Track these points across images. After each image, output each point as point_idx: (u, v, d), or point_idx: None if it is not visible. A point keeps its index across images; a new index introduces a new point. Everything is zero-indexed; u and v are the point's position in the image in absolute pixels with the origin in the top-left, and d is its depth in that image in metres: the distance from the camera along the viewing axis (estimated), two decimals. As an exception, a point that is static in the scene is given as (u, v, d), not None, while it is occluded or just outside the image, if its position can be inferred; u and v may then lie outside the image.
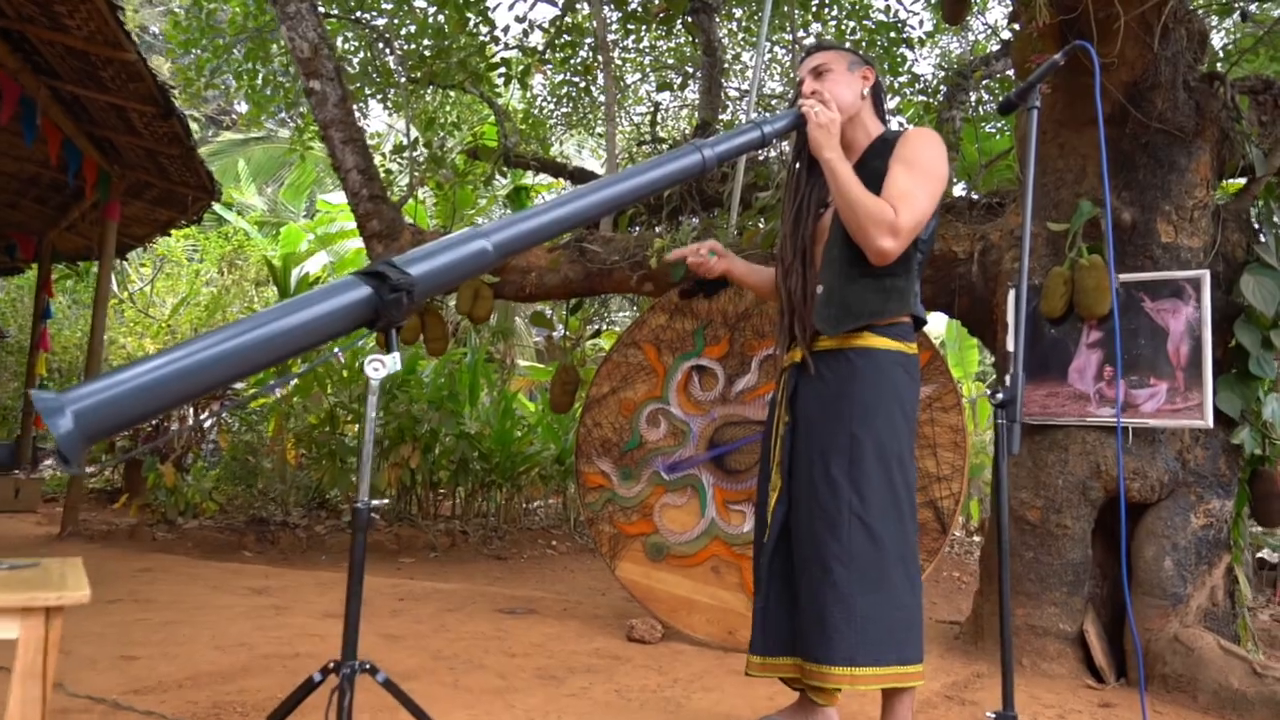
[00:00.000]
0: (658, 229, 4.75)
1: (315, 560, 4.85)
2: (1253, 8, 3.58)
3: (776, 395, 1.94)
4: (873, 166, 1.82)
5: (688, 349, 3.32)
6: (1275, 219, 2.83)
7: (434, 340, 3.94)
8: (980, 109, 5.64)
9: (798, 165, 1.95)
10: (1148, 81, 2.78)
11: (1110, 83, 2.78)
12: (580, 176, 6.30)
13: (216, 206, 12.81)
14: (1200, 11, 3.03)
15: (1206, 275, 2.64)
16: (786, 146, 3.89)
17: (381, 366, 1.33)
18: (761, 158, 5.21)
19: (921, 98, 5.76)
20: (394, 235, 3.76)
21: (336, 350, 1.38)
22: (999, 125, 6.20)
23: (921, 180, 1.74)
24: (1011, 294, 2.94)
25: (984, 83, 5.73)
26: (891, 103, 6.42)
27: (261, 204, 13.11)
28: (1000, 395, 1.58)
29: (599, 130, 9.14)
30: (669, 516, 3.27)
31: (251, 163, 13.13)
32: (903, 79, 6.28)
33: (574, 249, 3.54)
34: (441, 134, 7.95)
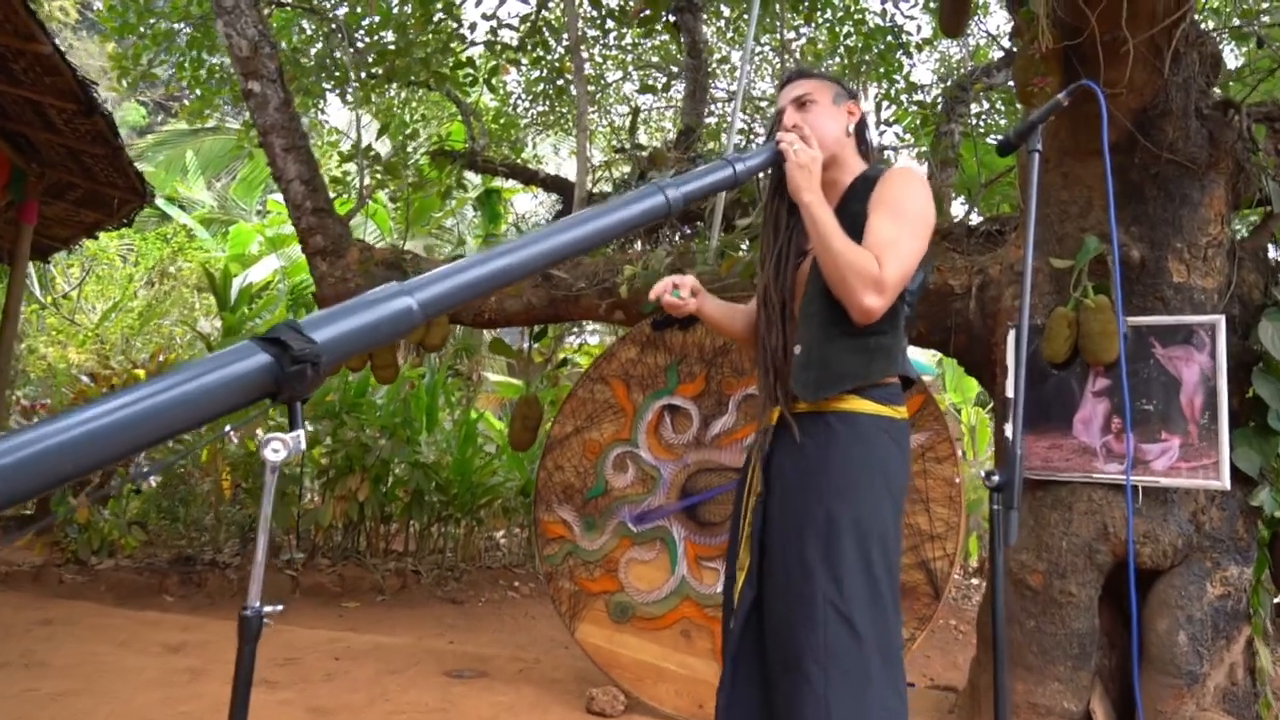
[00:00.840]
0: (634, 246, 4.67)
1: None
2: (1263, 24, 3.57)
3: (750, 461, 1.85)
4: (853, 210, 1.74)
5: (659, 386, 3.26)
6: (1295, 259, 2.79)
7: (382, 368, 3.83)
8: (981, 122, 5.64)
9: (776, 203, 1.88)
10: (1157, 109, 2.74)
11: (1118, 109, 2.74)
12: (554, 185, 6.22)
13: (160, 201, 12.63)
14: (1214, 34, 2.99)
15: (1221, 321, 2.59)
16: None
17: (282, 448, 1.22)
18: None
19: (917, 108, 5.74)
20: (340, 252, 3.66)
21: (228, 429, 1.28)
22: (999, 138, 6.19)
23: (907, 228, 1.66)
24: (1011, 336, 2.88)
25: (984, 93, 5.73)
26: (888, 111, 6.41)
27: (210, 199, 12.90)
28: (996, 478, 1.50)
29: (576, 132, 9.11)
30: (636, 573, 3.18)
31: (201, 154, 12.90)
32: (899, 85, 6.27)
33: (538, 274, 3.46)
34: (405, 133, 7.88)
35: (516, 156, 7.37)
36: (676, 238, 5.66)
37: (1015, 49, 2.90)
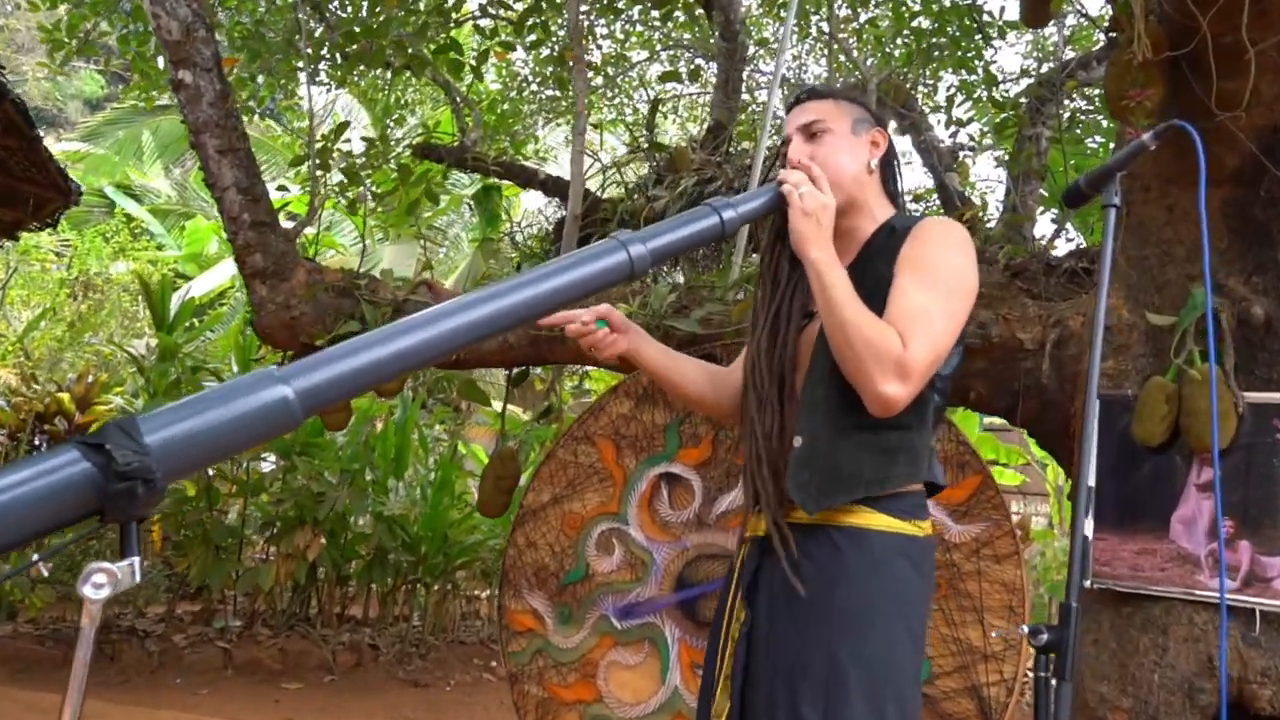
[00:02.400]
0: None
1: (165, 683, 4.61)
2: None
3: (733, 575, 1.72)
4: (875, 271, 1.61)
5: (657, 450, 3.14)
6: None
7: (331, 412, 3.73)
8: (1076, 125, 5.46)
9: (776, 250, 1.75)
10: (1291, 129, 2.57)
11: (1239, 129, 2.56)
12: (556, 188, 6.13)
13: (109, 190, 12.78)
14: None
15: (1365, 402, 2.41)
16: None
17: (107, 582, 1.08)
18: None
19: (995, 107, 5.57)
20: (283, 274, 3.58)
21: (37, 559, 1.16)
22: (1099, 141, 6.00)
23: (941, 296, 1.54)
24: (1095, 407, 2.70)
25: (1079, 90, 5.55)
26: (962, 108, 6.24)
27: (168, 188, 13.04)
28: (1045, 636, 1.33)
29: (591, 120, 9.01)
30: (618, 679, 3.05)
31: (159, 134, 13.01)
32: (979, 76, 6.10)
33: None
34: (390, 120, 7.85)
35: (518, 151, 7.30)
36: (679, 277, 5.53)
37: (1110, 57, 2.75)
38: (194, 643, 5.11)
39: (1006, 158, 5.48)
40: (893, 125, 6.58)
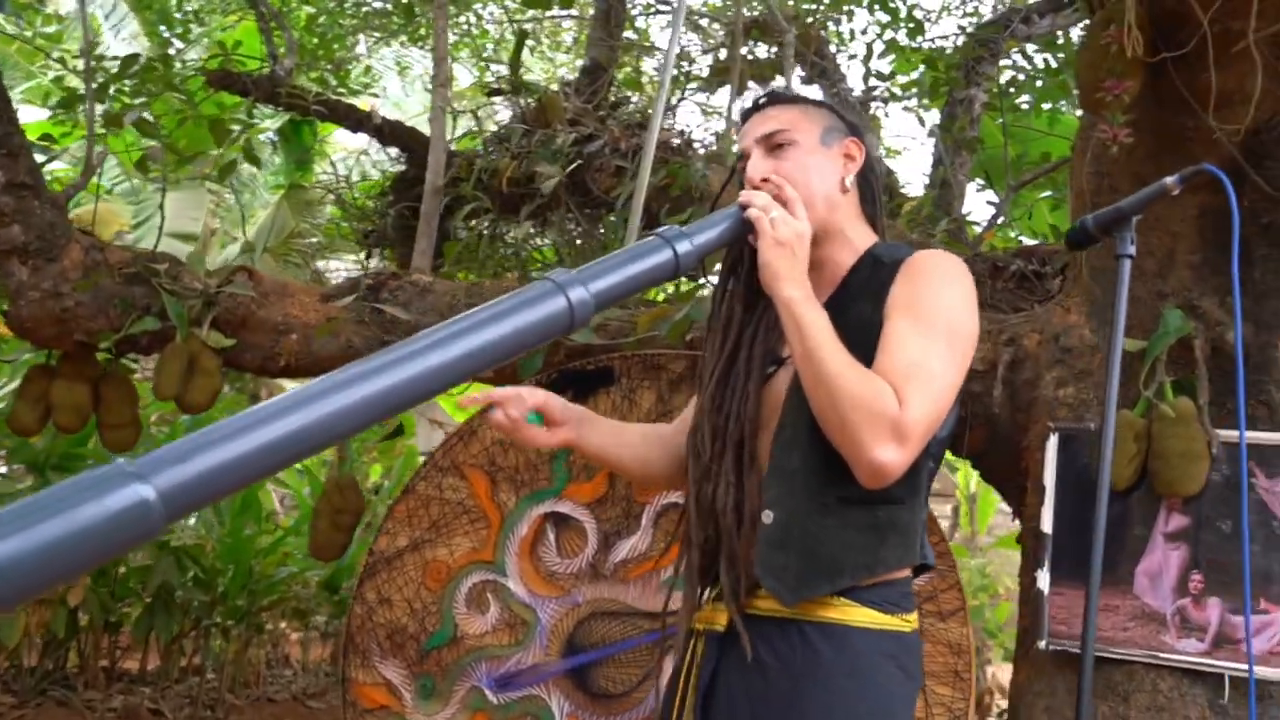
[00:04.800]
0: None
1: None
2: None
3: (678, 680, 1.75)
4: (860, 311, 1.65)
5: (541, 485, 3.18)
6: None
7: (115, 427, 3.60)
8: (1013, 89, 5.71)
9: (730, 284, 1.78)
10: (1275, 132, 2.77)
11: (1220, 123, 2.75)
12: (397, 136, 5.99)
13: None
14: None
15: (1346, 444, 2.63)
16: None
17: None
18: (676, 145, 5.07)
19: (926, 64, 5.78)
20: (51, 252, 3.40)
21: None
22: (1041, 108, 6.28)
23: (942, 346, 1.58)
24: (1052, 443, 2.87)
25: (1020, 48, 5.81)
26: (882, 60, 6.43)
27: None
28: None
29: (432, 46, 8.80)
30: (493, 767, 3.08)
31: None
32: (900, 18, 6.31)
33: (364, 305, 3.29)
34: (172, 34, 7.48)
35: (342, 83, 7.09)
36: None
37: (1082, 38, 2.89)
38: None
39: (938, 122, 5.68)
40: (800, 73, 6.74)
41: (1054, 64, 5.55)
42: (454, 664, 3.13)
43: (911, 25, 6.33)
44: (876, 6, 6.47)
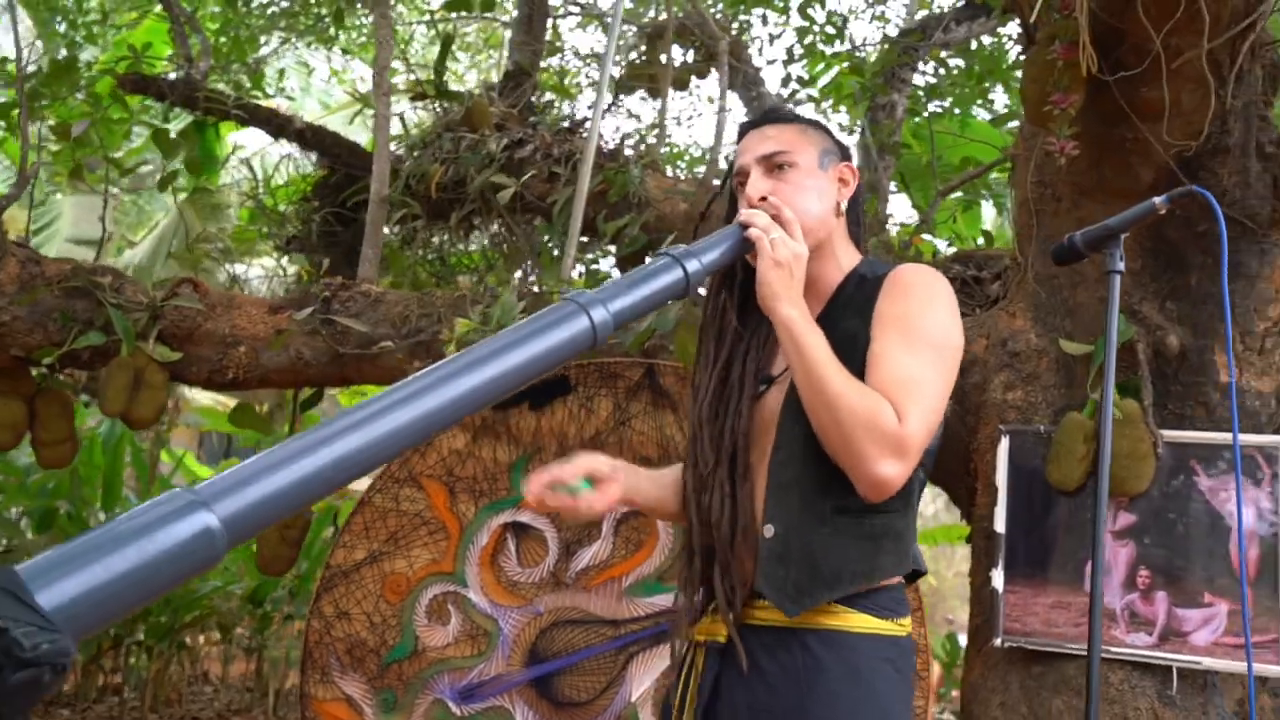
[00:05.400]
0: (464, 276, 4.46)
1: None
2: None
3: (672, 696, 1.78)
4: (847, 325, 1.72)
5: (500, 494, 3.18)
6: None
7: (51, 444, 3.51)
8: (929, 95, 5.84)
9: (722, 298, 1.82)
10: (1209, 144, 2.88)
11: (1155, 136, 2.85)
12: (318, 141, 5.89)
13: None
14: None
15: (1282, 445, 2.75)
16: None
17: None
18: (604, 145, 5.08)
19: (848, 66, 5.88)
20: (-21, 263, 3.28)
21: None
22: (963, 114, 6.43)
23: (931, 358, 1.66)
24: (1004, 445, 2.95)
25: (941, 55, 5.96)
26: (799, 65, 6.52)
27: None
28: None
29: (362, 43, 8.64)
30: (458, 780, 3.07)
31: None
32: (817, 18, 6.40)
33: (316, 317, 3.25)
34: (75, 38, 7.23)
35: (256, 86, 6.93)
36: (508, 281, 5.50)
37: (1026, 55, 2.98)
38: None
39: (860, 127, 5.79)
40: (717, 78, 6.81)
41: (974, 70, 5.68)
42: (416, 677, 3.11)
43: (831, 31, 6.44)
44: (794, 13, 6.58)
